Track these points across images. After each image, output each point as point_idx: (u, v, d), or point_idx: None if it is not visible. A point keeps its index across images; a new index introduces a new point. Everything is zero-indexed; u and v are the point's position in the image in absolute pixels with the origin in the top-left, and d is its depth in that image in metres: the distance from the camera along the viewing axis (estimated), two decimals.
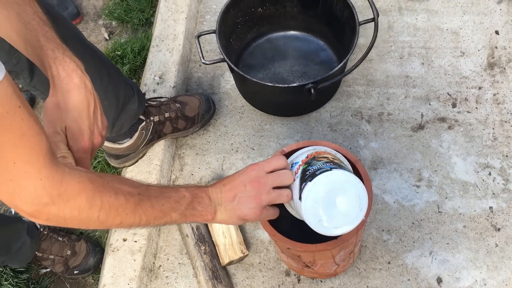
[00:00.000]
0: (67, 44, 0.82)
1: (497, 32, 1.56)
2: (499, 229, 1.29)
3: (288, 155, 1.12)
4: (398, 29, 1.61)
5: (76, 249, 1.40)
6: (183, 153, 1.48)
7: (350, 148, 1.43)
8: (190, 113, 1.42)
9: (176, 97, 1.45)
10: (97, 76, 1.12)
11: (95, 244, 1.43)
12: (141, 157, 1.42)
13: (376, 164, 1.40)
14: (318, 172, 0.85)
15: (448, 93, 1.48)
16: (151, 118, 1.36)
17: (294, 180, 0.89)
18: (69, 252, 1.39)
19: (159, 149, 1.43)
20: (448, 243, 1.28)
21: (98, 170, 1.53)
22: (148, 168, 1.40)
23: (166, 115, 1.39)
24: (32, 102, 1.76)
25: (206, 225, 1.33)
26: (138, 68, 1.77)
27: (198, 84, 1.59)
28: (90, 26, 1.95)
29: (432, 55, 1.55)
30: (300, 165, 0.92)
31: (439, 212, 1.32)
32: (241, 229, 1.34)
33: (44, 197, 0.60)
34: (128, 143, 1.35)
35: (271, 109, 1.49)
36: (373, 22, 1.37)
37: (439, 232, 1.30)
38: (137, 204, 0.73)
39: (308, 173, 0.87)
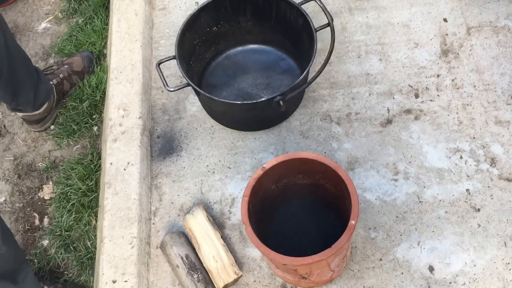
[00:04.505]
0: None
1: (445, 20, 1.61)
2: (479, 210, 1.33)
3: (269, 171, 1.12)
4: (351, 29, 1.64)
5: None
6: (160, 182, 1.46)
7: (325, 152, 1.45)
8: (78, 68, 1.74)
9: (63, 61, 1.77)
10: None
11: None
12: (55, 117, 1.74)
13: (352, 164, 1.42)
14: None
15: (409, 85, 1.52)
16: (53, 82, 1.69)
17: None
18: None
19: (135, 182, 1.40)
20: (433, 231, 1.31)
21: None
22: (127, 203, 1.37)
23: (61, 75, 1.71)
24: None
25: (196, 253, 1.31)
26: (98, 103, 1.73)
27: (164, 110, 1.57)
28: (41, 66, 1.90)
29: (388, 50, 1.59)
30: None
31: (420, 202, 1.36)
32: (231, 250, 1.33)
33: None
34: (44, 106, 1.66)
35: (242, 126, 1.49)
36: (328, 27, 1.40)
37: (423, 222, 1.33)
38: None
39: None
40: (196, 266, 1.29)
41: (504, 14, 1.60)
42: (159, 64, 1.38)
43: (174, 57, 1.37)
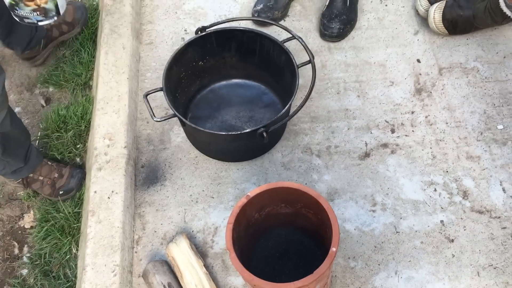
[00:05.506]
0: None
1: (418, 61, 1.71)
2: (452, 240, 1.38)
3: (252, 199, 1.16)
4: (331, 67, 1.72)
5: (62, 172, 1.61)
6: (143, 211, 1.48)
7: (306, 183, 1.49)
8: (68, 19, 1.87)
9: None
10: None
11: (77, 167, 1.66)
12: (46, 57, 1.93)
13: (332, 196, 1.47)
14: None
15: (385, 121, 1.60)
16: (44, 27, 1.83)
17: None
18: (56, 175, 1.60)
19: (119, 211, 1.41)
20: (410, 261, 1.36)
21: None
22: (110, 231, 1.38)
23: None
24: None
25: (178, 281, 1.32)
26: (83, 133, 1.75)
27: (148, 140, 1.61)
28: (26, 97, 1.92)
29: (366, 88, 1.67)
30: None
31: (397, 232, 1.40)
32: (213, 278, 1.34)
33: None
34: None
35: (225, 156, 1.53)
36: (309, 64, 1.47)
37: (400, 252, 1.37)
38: None
39: None
40: None
41: (473, 57, 1.70)
42: (146, 95, 1.42)
43: (161, 89, 1.42)
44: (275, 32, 1.75)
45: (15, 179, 1.61)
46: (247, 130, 1.34)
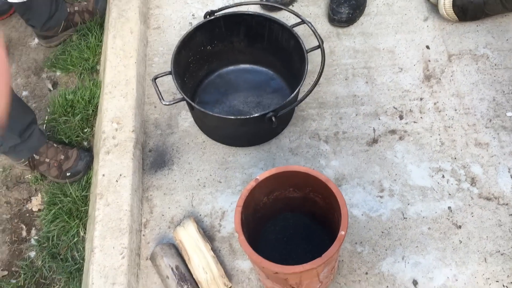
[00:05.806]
0: None
1: (427, 47, 1.70)
2: (460, 227, 1.38)
3: (261, 183, 1.16)
4: (339, 53, 1.71)
5: (69, 154, 1.62)
6: (151, 195, 1.48)
7: (313, 169, 1.49)
8: (90, 8, 1.95)
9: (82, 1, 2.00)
10: None
11: (85, 150, 1.66)
12: (62, 41, 1.97)
13: (339, 181, 1.47)
14: None
15: (394, 107, 1.59)
16: (67, 10, 1.92)
17: None
18: (62, 157, 1.61)
19: (127, 194, 1.42)
20: (417, 246, 1.36)
21: None
22: (119, 214, 1.38)
23: (76, 8, 1.94)
24: None
25: (186, 264, 1.33)
26: (90, 117, 1.75)
27: (156, 125, 1.61)
28: (33, 81, 1.92)
29: (374, 74, 1.66)
30: None
31: (404, 218, 1.40)
32: (220, 262, 1.35)
33: None
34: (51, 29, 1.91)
35: (233, 141, 1.53)
36: (318, 49, 1.46)
37: (407, 237, 1.38)
38: None
39: None
40: (186, 277, 1.30)
41: (483, 43, 1.69)
42: (155, 78, 1.42)
43: (170, 73, 1.41)
44: (283, 17, 1.74)
45: (17, 158, 1.61)
46: (256, 115, 1.33)
